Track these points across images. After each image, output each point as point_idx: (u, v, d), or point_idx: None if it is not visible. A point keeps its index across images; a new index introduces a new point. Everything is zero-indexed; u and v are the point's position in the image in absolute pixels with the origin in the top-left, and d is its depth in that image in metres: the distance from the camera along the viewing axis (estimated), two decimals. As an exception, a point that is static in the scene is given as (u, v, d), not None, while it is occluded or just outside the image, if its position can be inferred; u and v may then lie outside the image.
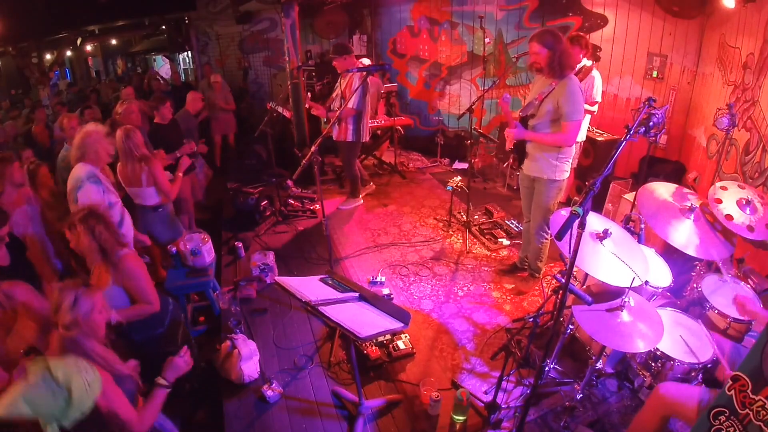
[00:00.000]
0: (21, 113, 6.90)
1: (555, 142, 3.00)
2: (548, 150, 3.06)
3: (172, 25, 9.23)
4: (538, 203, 3.26)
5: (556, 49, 2.82)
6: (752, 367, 1.37)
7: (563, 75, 2.88)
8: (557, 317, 1.84)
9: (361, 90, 4.28)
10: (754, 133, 3.33)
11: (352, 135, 4.55)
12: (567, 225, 1.56)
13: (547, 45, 2.83)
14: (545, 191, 3.18)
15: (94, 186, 2.87)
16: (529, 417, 2.42)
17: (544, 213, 3.25)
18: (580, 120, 2.94)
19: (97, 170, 2.95)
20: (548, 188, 3.15)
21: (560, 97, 2.87)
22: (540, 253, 3.44)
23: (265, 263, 3.70)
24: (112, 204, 2.97)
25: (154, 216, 3.44)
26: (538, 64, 2.92)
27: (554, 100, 2.90)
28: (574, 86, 2.87)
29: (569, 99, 2.85)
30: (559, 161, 3.07)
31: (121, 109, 3.98)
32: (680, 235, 2.39)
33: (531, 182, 3.29)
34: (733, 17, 3.75)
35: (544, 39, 2.84)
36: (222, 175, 5.78)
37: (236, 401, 2.64)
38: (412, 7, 6.41)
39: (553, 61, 2.85)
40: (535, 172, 3.17)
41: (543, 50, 2.85)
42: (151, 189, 3.31)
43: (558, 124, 2.95)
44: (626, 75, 4.92)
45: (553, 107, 2.92)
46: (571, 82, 2.88)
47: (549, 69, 2.89)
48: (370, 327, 1.97)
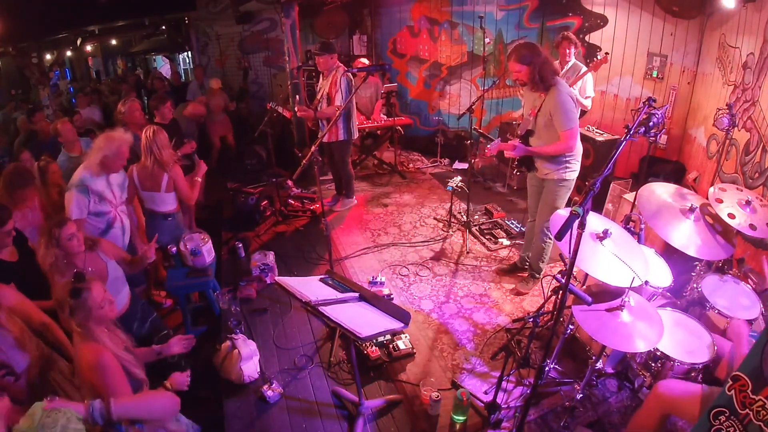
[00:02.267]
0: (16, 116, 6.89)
1: (557, 152, 3.01)
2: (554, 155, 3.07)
3: (172, 25, 9.23)
4: (546, 202, 3.24)
5: (534, 62, 2.81)
6: (752, 367, 1.37)
7: (548, 85, 2.87)
8: (557, 317, 1.84)
9: (346, 87, 4.28)
10: (754, 133, 3.33)
11: (344, 134, 4.56)
12: (567, 225, 1.56)
13: (524, 61, 2.83)
14: (554, 190, 3.17)
15: (78, 195, 2.80)
16: (529, 417, 2.42)
17: (551, 212, 3.22)
18: (575, 127, 2.93)
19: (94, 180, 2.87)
20: (558, 188, 3.15)
21: (551, 108, 2.89)
22: (542, 253, 3.43)
23: (265, 263, 3.70)
24: (100, 213, 2.92)
25: (163, 224, 3.40)
26: (521, 80, 2.93)
27: (546, 113, 2.93)
28: (562, 95, 2.86)
29: (559, 108, 2.86)
30: (568, 161, 3.07)
31: (124, 108, 3.97)
32: (681, 236, 2.39)
33: (540, 182, 3.28)
34: (733, 17, 3.75)
35: (520, 55, 2.84)
36: (222, 175, 5.78)
37: (236, 401, 2.63)
38: (412, 7, 6.41)
39: (534, 76, 2.84)
40: (545, 174, 3.18)
41: (522, 68, 2.85)
42: (170, 195, 3.27)
43: (556, 132, 2.95)
44: (626, 75, 4.92)
45: (547, 119, 2.94)
46: (559, 90, 2.87)
47: (532, 84, 2.90)
48: (371, 327, 1.97)
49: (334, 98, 4.33)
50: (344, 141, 4.62)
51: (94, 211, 2.89)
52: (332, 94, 4.35)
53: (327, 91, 4.39)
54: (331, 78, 4.35)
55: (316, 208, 4.88)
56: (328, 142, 4.61)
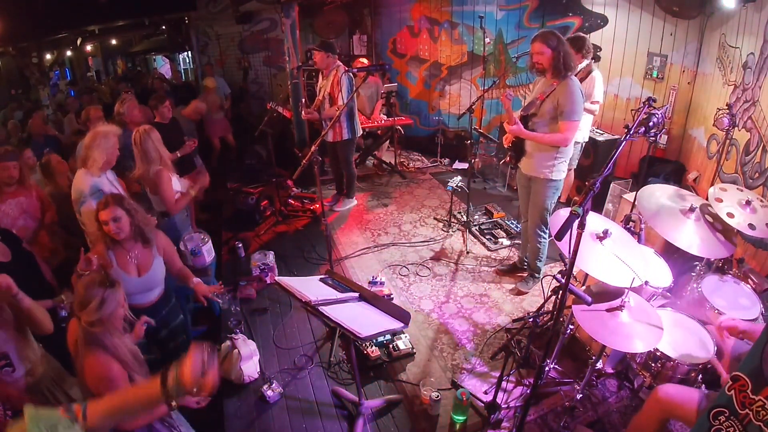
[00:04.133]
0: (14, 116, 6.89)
1: (552, 142, 3.00)
2: (546, 150, 3.06)
3: (172, 25, 9.23)
4: (534, 203, 3.27)
5: (559, 49, 2.83)
6: (752, 367, 1.37)
7: (566, 75, 2.88)
8: (557, 317, 1.84)
9: (348, 86, 4.27)
10: (754, 133, 3.33)
11: (348, 133, 4.55)
12: (567, 225, 1.56)
13: (550, 45, 2.84)
14: (542, 191, 3.18)
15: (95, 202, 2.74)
16: (529, 417, 2.42)
17: (540, 212, 3.26)
18: (578, 121, 2.94)
19: (100, 180, 2.84)
20: (545, 188, 3.16)
21: (560, 96, 2.89)
22: (539, 253, 3.44)
23: (265, 263, 3.70)
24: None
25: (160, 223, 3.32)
26: (541, 64, 2.92)
27: (554, 99, 2.91)
28: (574, 87, 2.88)
29: (569, 98, 2.86)
30: (556, 161, 3.07)
31: (123, 108, 3.96)
32: (681, 235, 2.39)
33: (528, 181, 3.30)
34: (733, 17, 3.75)
35: (547, 39, 2.84)
36: (222, 175, 5.78)
37: (236, 401, 2.64)
38: (412, 7, 6.40)
39: (558, 62, 2.85)
40: (532, 172, 3.18)
41: (547, 50, 2.85)
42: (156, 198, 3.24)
43: (557, 123, 2.95)
44: (626, 75, 4.92)
45: (553, 106, 2.93)
46: (573, 82, 2.89)
47: (553, 69, 2.89)
48: (371, 327, 1.97)
49: (336, 98, 4.32)
50: (349, 140, 4.62)
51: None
52: (335, 94, 4.34)
53: (329, 91, 4.39)
54: (332, 78, 4.34)
55: (316, 208, 4.88)
56: (333, 141, 4.61)
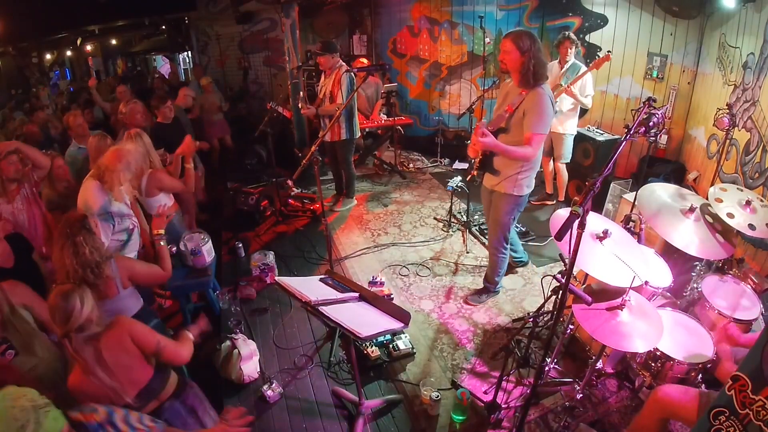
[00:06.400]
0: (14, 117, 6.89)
1: (519, 156, 2.74)
2: (509, 164, 2.85)
3: (172, 25, 9.23)
4: (494, 218, 3.09)
5: (530, 55, 2.56)
6: (752, 367, 1.37)
7: (535, 85, 2.64)
8: (557, 317, 1.84)
9: (348, 85, 4.28)
10: (754, 133, 3.33)
11: (347, 133, 4.55)
12: (567, 225, 1.56)
13: (521, 48, 2.57)
14: (502, 205, 3.00)
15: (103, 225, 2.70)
16: (529, 417, 2.42)
17: (500, 228, 3.09)
18: (544, 135, 2.71)
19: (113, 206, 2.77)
20: (505, 203, 2.98)
21: (527, 106, 2.66)
22: (497, 267, 3.28)
23: (265, 263, 3.70)
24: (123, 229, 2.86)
25: None
26: (505, 65, 2.67)
27: (522, 112, 2.70)
28: (544, 98, 2.63)
29: (536, 110, 2.63)
30: (519, 176, 2.87)
31: (126, 109, 3.94)
32: (681, 235, 2.39)
33: (490, 195, 3.10)
34: (733, 17, 3.75)
35: (519, 39, 2.57)
36: (222, 175, 5.78)
37: (236, 401, 2.63)
38: (412, 7, 6.41)
39: (526, 69, 2.59)
40: (495, 186, 2.99)
41: (515, 52, 2.58)
42: (154, 199, 3.22)
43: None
44: (626, 75, 4.92)
45: (521, 118, 2.71)
46: (543, 92, 2.65)
47: (520, 76, 2.65)
48: (371, 327, 1.97)
49: (336, 96, 4.33)
50: (348, 140, 4.62)
51: (118, 230, 2.82)
52: (335, 92, 4.34)
53: (330, 89, 4.39)
54: (333, 76, 4.34)
55: (316, 208, 4.88)
56: (332, 141, 4.61)
